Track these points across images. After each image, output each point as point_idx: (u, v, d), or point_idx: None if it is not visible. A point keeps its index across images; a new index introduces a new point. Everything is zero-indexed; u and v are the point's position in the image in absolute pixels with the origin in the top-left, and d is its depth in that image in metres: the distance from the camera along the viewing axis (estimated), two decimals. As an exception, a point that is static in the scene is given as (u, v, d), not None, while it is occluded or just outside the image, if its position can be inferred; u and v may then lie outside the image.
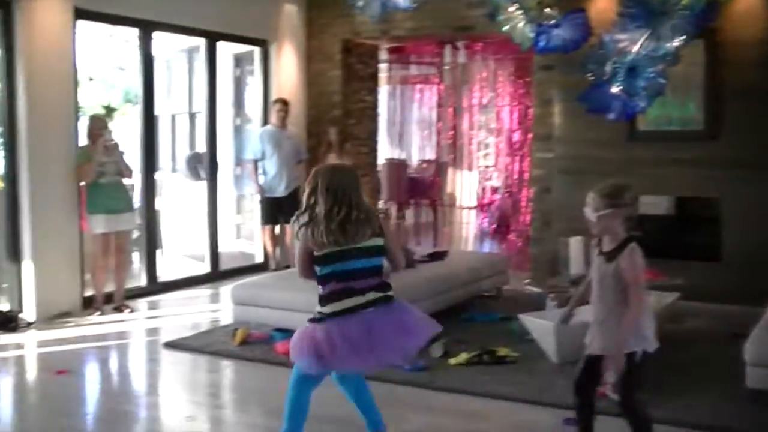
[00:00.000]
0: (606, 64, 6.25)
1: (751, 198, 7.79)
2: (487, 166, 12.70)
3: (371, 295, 3.94)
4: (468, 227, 11.94)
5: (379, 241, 3.99)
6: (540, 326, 5.80)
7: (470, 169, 12.11)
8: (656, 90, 6.12)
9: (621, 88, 6.10)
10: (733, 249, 7.91)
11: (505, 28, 6.44)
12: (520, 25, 6.42)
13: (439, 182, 12.87)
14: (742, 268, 7.73)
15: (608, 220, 3.70)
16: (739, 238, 7.87)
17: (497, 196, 11.98)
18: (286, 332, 6.23)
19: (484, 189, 12.24)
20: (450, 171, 12.02)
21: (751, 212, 7.80)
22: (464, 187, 12.25)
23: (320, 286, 4.03)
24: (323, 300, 4.00)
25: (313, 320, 4.03)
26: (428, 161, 12.81)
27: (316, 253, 3.97)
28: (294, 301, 6.15)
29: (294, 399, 4.08)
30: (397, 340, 3.97)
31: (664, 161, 8.12)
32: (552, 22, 6.07)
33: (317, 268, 4.02)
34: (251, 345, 6.24)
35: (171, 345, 6.36)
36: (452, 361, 5.81)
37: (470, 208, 12.34)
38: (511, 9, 6.34)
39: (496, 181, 12.29)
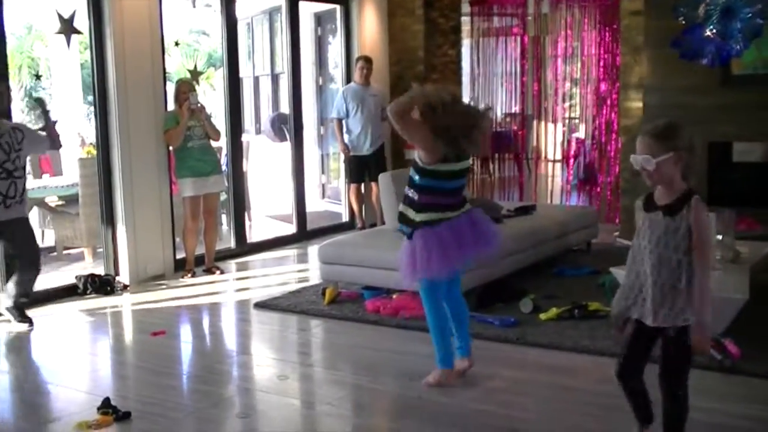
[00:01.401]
0: (698, 6, 6.00)
1: None
2: (572, 118, 12.45)
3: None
4: (554, 180, 11.74)
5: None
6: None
7: (555, 121, 11.87)
8: (754, 31, 5.86)
9: (714, 31, 5.84)
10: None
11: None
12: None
13: (524, 135, 12.67)
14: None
15: (668, 166, 3.17)
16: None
17: (583, 148, 11.75)
18: (376, 290, 6.26)
19: (569, 141, 12.00)
20: (535, 124, 11.81)
21: None
22: (549, 139, 12.02)
23: None
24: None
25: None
26: (512, 114, 12.63)
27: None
28: (382, 259, 6.14)
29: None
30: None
31: (761, 106, 7.82)
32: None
33: None
34: (340, 303, 6.28)
35: (261, 305, 6.44)
36: (542, 316, 5.75)
37: (556, 161, 12.12)
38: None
39: (582, 133, 12.04)
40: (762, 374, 4.47)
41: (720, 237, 5.67)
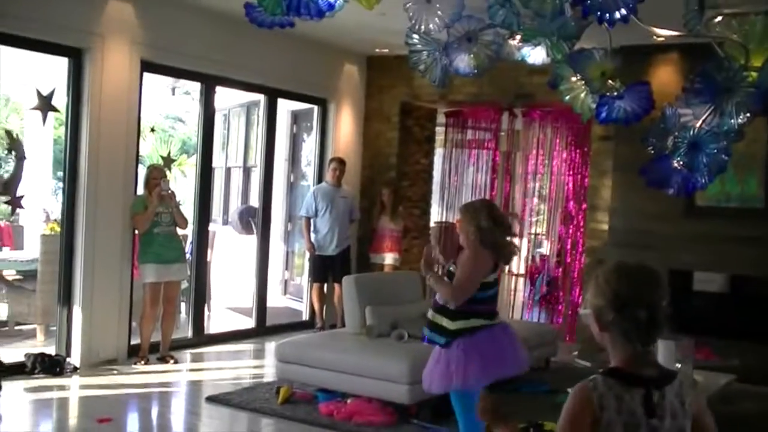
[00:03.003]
0: (667, 138, 6.15)
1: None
2: (537, 234, 12.56)
3: None
4: (516, 295, 11.77)
5: None
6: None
7: (521, 236, 11.97)
8: (719, 166, 5.99)
9: (682, 162, 5.98)
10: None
11: (566, 98, 6.38)
12: (582, 95, 6.36)
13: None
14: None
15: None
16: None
17: (547, 265, 11.83)
18: (331, 393, 6.17)
19: (533, 257, 12.09)
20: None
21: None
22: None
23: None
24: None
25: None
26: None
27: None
28: (340, 362, 6.10)
29: None
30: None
31: (722, 238, 7.98)
32: (615, 93, 6.00)
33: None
34: (294, 404, 6.19)
35: (213, 399, 6.32)
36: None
37: (519, 275, 12.18)
38: (573, 79, 6.29)
39: (546, 250, 12.14)
40: None
41: (678, 365, 5.68)
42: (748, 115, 6.13)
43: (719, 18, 5.89)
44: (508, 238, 4.66)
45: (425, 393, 5.86)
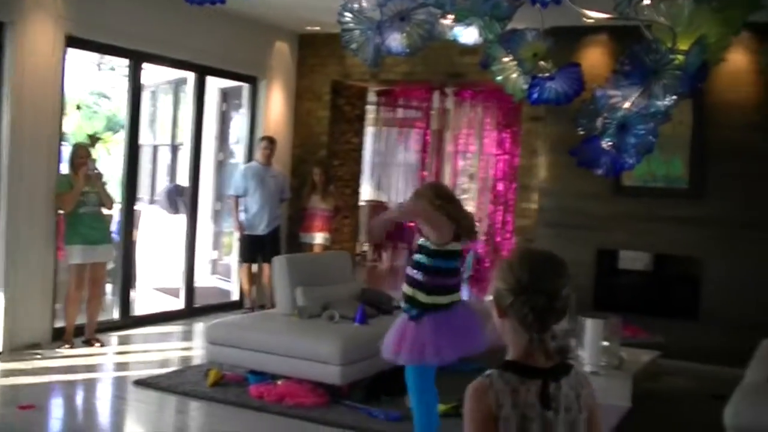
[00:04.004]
0: (597, 119, 6.21)
1: (732, 258, 7.79)
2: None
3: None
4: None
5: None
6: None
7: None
8: (646, 147, 6.07)
9: (611, 143, 6.06)
10: (712, 308, 7.88)
11: (498, 78, 6.40)
12: (514, 75, 6.38)
13: (413, 226, 12.79)
14: (720, 328, 7.70)
15: None
16: (718, 297, 7.85)
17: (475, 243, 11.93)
18: (262, 375, 6.11)
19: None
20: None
21: (732, 272, 7.79)
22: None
23: None
24: None
25: None
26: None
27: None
28: (270, 343, 6.05)
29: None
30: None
31: (648, 217, 8.13)
32: (546, 74, 6.03)
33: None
34: (224, 386, 6.10)
35: (141, 383, 6.19)
36: (430, 412, 5.69)
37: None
38: (505, 59, 6.31)
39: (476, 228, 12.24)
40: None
41: (605, 343, 5.77)
42: (675, 97, 6.23)
43: (648, 1, 5.96)
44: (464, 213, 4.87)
45: (357, 374, 5.89)
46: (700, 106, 7.74)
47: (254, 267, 9.30)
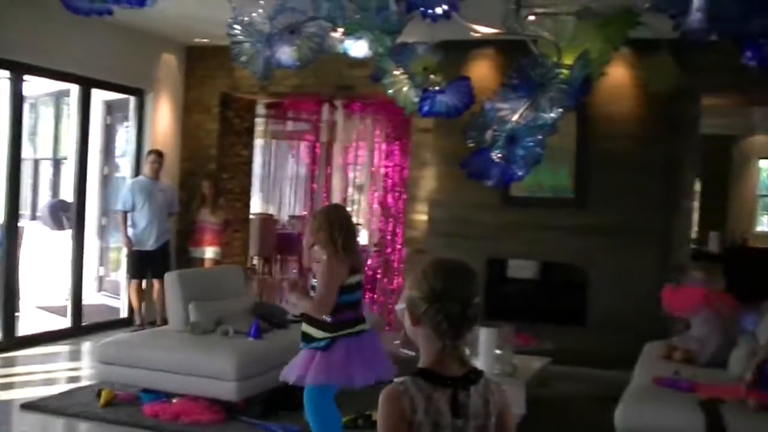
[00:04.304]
0: (486, 131, 6.36)
1: (615, 264, 8.07)
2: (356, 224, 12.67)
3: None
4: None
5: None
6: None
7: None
8: (534, 158, 6.25)
9: (500, 155, 6.21)
10: (597, 314, 8.15)
11: (390, 91, 6.48)
12: (405, 89, 6.47)
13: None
14: (605, 332, 7.96)
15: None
16: (603, 303, 8.12)
17: (366, 255, 11.97)
18: (155, 393, 5.99)
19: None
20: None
21: (614, 278, 8.07)
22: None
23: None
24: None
25: None
26: (297, 217, 12.71)
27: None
28: (164, 361, 5.93)
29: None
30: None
31: (536, 226, 8.35)
32: (437, 88, 6.14)
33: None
34: (116, 407, 5.95)
35: (28, 406, 5.97)
36: (327, 426, 5.68)
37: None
38: (396, 73, 6.39)
39: (365, 240, 12.28)
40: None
41: (498, 351, 5.89)
42: (561, 110, 6.44)
43: (533, 17, 6.15)
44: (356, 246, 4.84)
45: (253, 389, 5.84)
46: (584, 119, 8.01)
47: (144, 283, 9.08)
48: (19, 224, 8.26)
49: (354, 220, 12.25)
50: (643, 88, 7.32)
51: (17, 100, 7.91)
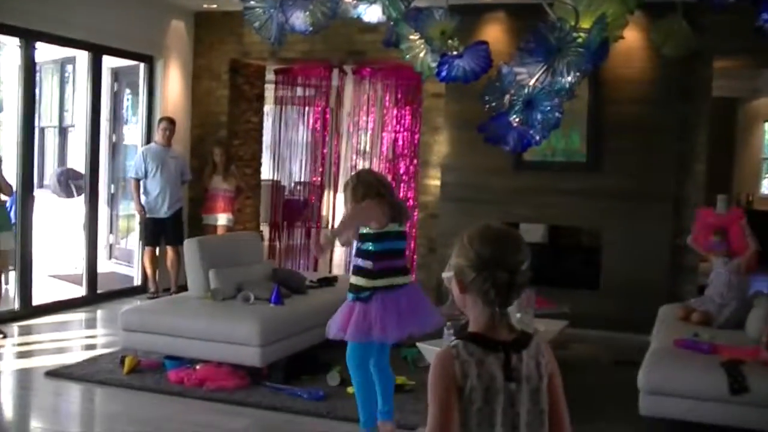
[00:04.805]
0: (504, 96, 6.36)
1: (628, 228, 8.10)
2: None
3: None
4: (342, 251, 11.91)
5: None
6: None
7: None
8: (552, 123, 6.28)
9: (518, 119, 6.22)
10: (610, 277, 8.19)
11: (407, 57, 6.48)
12: (422, 54, 6.47)
13: (315, 205, 12.78)
14: (619, 295, 8.02)
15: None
16: (616, 266, 8.16)
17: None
18: (178, 360, 6.04)
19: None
20: (325, 194, 11.95)
21: (628, 242, 8.11)
22: (338, 210, 12.22)
23: None
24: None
25: None
26: (303, 183, 12.71)
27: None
28: (187, 328, 5.98)
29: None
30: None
31: (548, 191, 8.37)
32: (455, 52, 6.13)
33: None
34: (141, 373, 6.01)
35: (53, 374, 6.02)
36: (350, 389, 5.73)
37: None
38: (413, 38, 6.38)
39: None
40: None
41: (518, 315, 5.94)
42: (578, 74, 6.44)
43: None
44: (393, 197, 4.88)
45: (276, 355, 5.90)
46: (597, 82, 8.00)
47: (157, 250, 9.11)
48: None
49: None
50: (656, 51, 7.30)
51: (29, 67, 7.88)
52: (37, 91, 12.76)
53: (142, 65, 9.50)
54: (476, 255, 2.19)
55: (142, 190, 8.95)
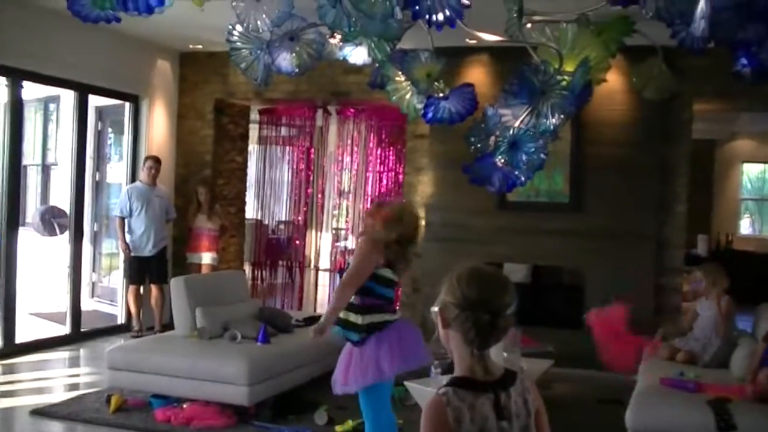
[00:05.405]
0: (489, 137, 6.46)
1: (610, 268, 8.18)
2: (338, 229, 12.71)
3: None
4: (325, 290, 11.93)
5: None
6: (427, 394, 5.83)
7: (328, 231, 12.20)
8: (536, 164, 6.37)
9: (504, 160, 6.31)
10: (594, 317, 8.23)
11: (393, 98, 6.57)
12: (408, 95, 6.57)
13: (298, 244, 12.80)
14: (602, 335, 8.05)
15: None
16: (599, 306, 8.21)
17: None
18: (165, 398, 6.03)
19: (337, 251, 12.26)
20: (308, 233, 11.99)
21: (610, 281, 8.18)
22: (322, 249, 12.26)
23: None
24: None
25: None
26: (285, 222, 12.74)
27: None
28: (174, 366, 5.98)
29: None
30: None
31: (531, 231, 8.45)
32: (441, 94, 6.23)
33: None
34: (127, 412, 5.98)
35: (38, 413, 5.98)
36: (339, 428, 5.77)
37: (326, 270, 12.36)
38: (399, 79, 6.48)
39: (352, 244, 12.32)
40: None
41: (505, 354, 5.97)
42: (562, 116, 6.55)
43: (530, 25, 6.26)
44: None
45: (263, 394, 5.89)
46: (579, 124, 8.12)
47: (141, 289, 9.10)
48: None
49: (342, 224, 12.46)
50: (637, 93, 7.43)
51: (16, 106, 7.92)
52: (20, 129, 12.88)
53: (127, 104, 9.54)
54: (462, 295, 2.24)
55: (126, 228, 8.95)
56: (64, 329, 8.79)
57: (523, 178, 6.77)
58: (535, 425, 2.29)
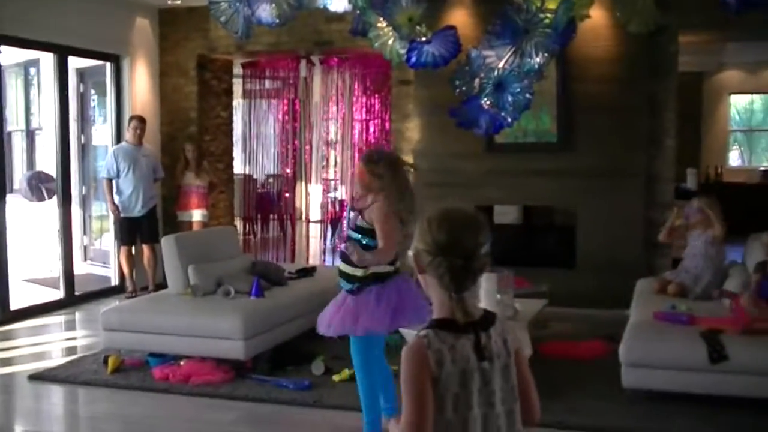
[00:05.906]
0: (474, 79, 6.41)
1: (601, 206, 8.18)
2: (328, 179, 12.67)
3: None
4: (317, 241, 11.92)
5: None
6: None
7: (317, 182, 12.16)
8: (522, 104, 6.35)
9: (489, 102, 6.27)
10: (586, 255, 8.27)
11: (376, 45, 6.50)
12: (390, 41, 6.50)
13: (288, 197, 12.77)
14: (595, 273, 8.10)
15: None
16: (591, 244, 8.24)
17: (346, 210, 11.98)
18: (162, 357, 6.05)
19: (327, 202, 12.24)
20: (297, 185, 11.94)
21: (602, 219, 8.19)
22: (312, 201, 12.23)
23: None
24: None
25: None
26: (274, 176, 12.69)
27: None
28: (170, 325, 5.99)
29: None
30: None
31: (521, 172, 8.42)
32: (423, 39, 6.16)
33: None
34: (125, 372, 6.00)
35: (37, 377, 6.00)
36: (335, 377, 5.79)
37: (317, 222, 12.34)
38: (381, 25, 6.40)
39: (343, 194, 12.28)
40: (550, 424, 4.70)
41: (498, 296, 5.99)
42: (547, 55, 6.49)
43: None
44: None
45: (260, 347, 5.91)
46: (564, 62, 8.05)
47: (133, 249, 9.08)
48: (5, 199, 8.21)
49: (332, 175, 12.41)
50: (621, 28, 7.35)
51: (-5, 72, 7.84)
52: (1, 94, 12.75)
53: (108, 65, 9.43)
54: (433, 240, 2.18)
55: (115, 189, 8.90)
56: (58, 294, 8.79)
57: (509, 119, 6.74)
58: (517, 365, 2.28)
